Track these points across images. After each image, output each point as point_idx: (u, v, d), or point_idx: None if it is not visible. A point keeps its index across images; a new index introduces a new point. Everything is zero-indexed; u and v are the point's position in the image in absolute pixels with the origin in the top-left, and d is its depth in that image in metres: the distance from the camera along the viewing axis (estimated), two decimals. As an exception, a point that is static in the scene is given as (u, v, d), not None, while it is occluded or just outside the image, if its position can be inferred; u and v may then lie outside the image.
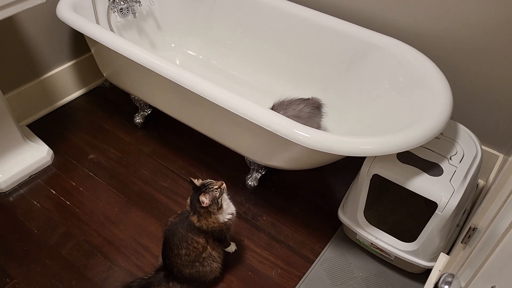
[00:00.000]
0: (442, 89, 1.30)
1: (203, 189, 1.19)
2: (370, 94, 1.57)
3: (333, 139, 1.16)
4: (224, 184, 1.22)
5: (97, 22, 1.76)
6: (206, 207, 1.18)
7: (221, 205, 1.21)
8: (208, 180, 1.22)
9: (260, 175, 1.64)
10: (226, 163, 1.74)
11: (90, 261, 1.43)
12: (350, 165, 1.69)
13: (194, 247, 1.23)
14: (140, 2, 1.86)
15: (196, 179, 1.22)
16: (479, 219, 0.92)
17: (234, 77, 1.91)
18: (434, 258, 1.29)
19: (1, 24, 1.64)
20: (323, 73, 1.70)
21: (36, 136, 1.78)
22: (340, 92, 1.67)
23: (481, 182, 1.61)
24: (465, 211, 1.39)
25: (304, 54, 1.71)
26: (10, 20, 1.66)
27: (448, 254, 1.22)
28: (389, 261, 1.42)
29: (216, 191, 1.19)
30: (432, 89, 1.32)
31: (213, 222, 1.21)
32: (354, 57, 1.58)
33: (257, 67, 1.87)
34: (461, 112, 1.55)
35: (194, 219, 1.22)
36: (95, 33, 1.51)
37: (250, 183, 1.64)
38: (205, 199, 1.16)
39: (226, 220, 1.24)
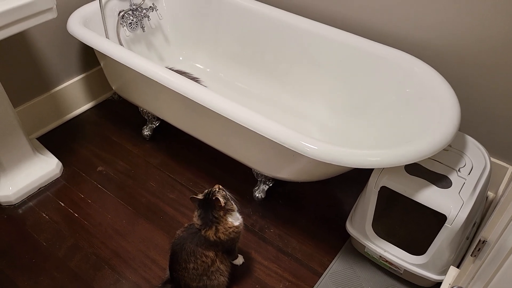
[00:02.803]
0: (450, 101, 1.30)
1: (210, 196, 1.21)
2: (377, 106, 1.57)
3: (341, 151, 1.16)
4: (219, 185, 1.25)
5: (107, 36, 1.79)
6: (224, 207, 1.20)
7: (232, 202, 1.24)
8: (205, 190, 1.24)
9: (267, 187, 1.64)
10: (233, 175, 1.74)
11: (98, 274, 1.43)
12: (358, 176, 1.68)
13: (203, 261, 1.23)
14: (149, 16, 1.89)
15: (196, 196, 1.23)
16: (488, 232, 0.91)
17: (241, 89, 1.93)
18: (444, 272, 1.27)
19: (13, 39, 1.68)
20: (330, 85, 1.70)
21: (45, 148, 1.79)
22: (347, 104, 1.68)
23: (490, 194, 1.60)
24: (474, 223, 1.37)
25: (311, 67, 1.72)
26: (21, 34, 1.70)
27: (458, 267, 1.21)
28: (398, 275, 1.40)
29: (221, 191, 1.22)
30: (439, 101, 1.32)
31: (230, 228, 1.22)
32: (361, 70, 1.59)
33: (264, 79, 1.88)
34: (469, 124, 1.55)
35: (210, 233, 1.21)
36: (104, 47, 1.54)
37: (257, 195, 1.64)
38: (221, 199, 1.18)
39: (238, 223, 1.25)
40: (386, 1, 1.50)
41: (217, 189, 1.23)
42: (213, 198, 1.20)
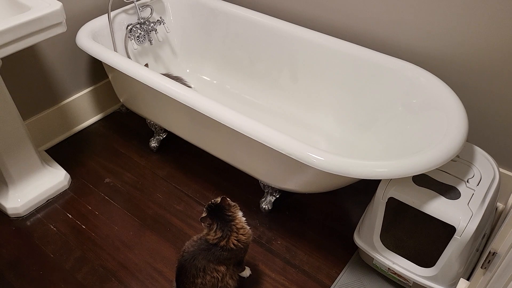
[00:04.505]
0: (457, 111, 1.29)
1: (214, 204, 1.23)
2: (384, 117, 1.57)
3: (348, 162, 1.16)
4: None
5: (115, 50, 1.81)
6: (230, 203, 1.24)
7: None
8: (204, 209, 1.26)
9: (274, 198, 1.64)
10: (240, 186, 1.74)
11: (105, 286, 1.42)
12: (365, 188, 1.67)
13: (212, 277, 1.22)
14: (156, 29, 1.91)
15: (203, 217, 1.25)
16: (498, 244, 0.90)
17: (248, 101, 1.94)
18: (454, 284, 1.26)
19: (23, 52, 1.70)
20: (335, 97, 1.71)
21: (54, 160, 1.81)
22: (354, 115, 1.68)
23: (500, 205, 1.58)
24: (484, 235, 1.36)
25: (317, 78, 1.73)
26: (31, 48, 1.72)
27: (468, 279, 1.19)
28: (407, 287, 1.38)
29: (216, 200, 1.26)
30: (446, 111, 1.31)
31: (244, 229, 1.24)
32: (367, 81, 1.59)
33: (270, 91, 1.89)
34: (478, 135, 1.54)
35: (232, 238, 1.21)
36: (112, 60, 1.55)
37: (264, 206, 1.64)
38: (227, 199, 1.23)
39: (249, 228, 1.27)
40: (391, 13, 1.51)
41: (212, 200, 1.25)
42: (218, 201, 1.23)
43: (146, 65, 1.86)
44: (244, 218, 1.26)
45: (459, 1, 1.35)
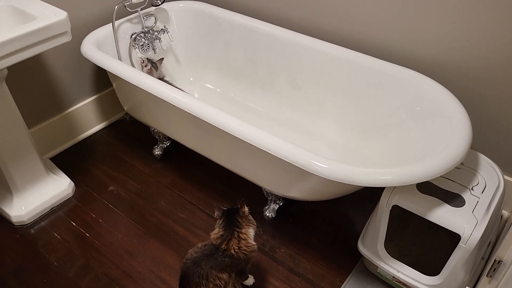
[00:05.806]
0: (461, 118, 1.29)
1: (234, 207, 1.25)
2: (387, 124, 1.57)
3: (351, 170, 1.15)
4: None
5: (119, 58, 1.83)
6: (247, 216, 1.25)
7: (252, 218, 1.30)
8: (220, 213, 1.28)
9: (278, 206, 1.63)
10: (243, 194, 1.74)
11: (108, 294, 1.42)
12: (369, 195, 1.67)
13: (215, 285, 1.22)
14: (160, 38, 1.93)
15: (218, 206, 1.26)
16: (504, 252, 0.89)
17: (251, 108, 1.94)
18: (459, 293, 1.25)
19: (28, 61, 1.72)
20: (339, 104, 1.71)
21: (58, 168, 1.82)
22: (357, 122, 1.68)
23: (505, 213, 1.57)
24: (489, 243, 1.35)
25: (320, 85, 1.73)
26: (36, 56, 1.74)
27: (473, 288, 1.18)
28: (412, 296, 1.37)
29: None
30: (450, 119, 1.31)
31: (247, 241, 1.24)
32: (371, 88, 1.59)
33: (273, 98, 1.89)
34: (482, 142, 1.53)
35: (233, 243, 1.22)
36: (116, 69, 1.57)
37: (268, 214, 1.63)
38: (245, 209, 1.24)
39: (255, 243, 1.26)
40: (393, 20, 1.52)
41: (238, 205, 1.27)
42: (239, 206, 1.24)
43: (162, 59, 1.87)
44: (253, 234, 1.26)
45: (461, 7, 1.35)
